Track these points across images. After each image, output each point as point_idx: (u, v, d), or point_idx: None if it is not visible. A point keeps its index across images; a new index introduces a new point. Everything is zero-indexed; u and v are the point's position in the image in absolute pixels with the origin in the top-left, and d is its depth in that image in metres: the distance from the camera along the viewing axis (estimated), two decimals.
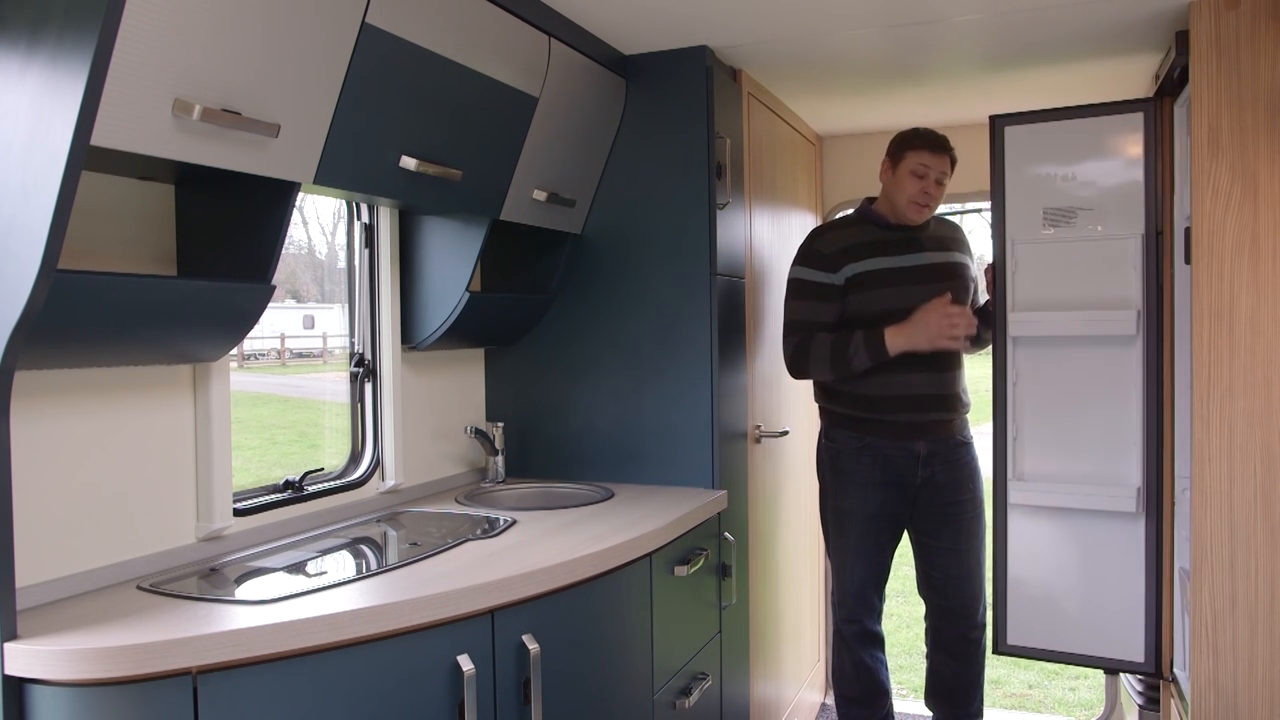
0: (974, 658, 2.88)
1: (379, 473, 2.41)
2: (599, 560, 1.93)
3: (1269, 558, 2.13)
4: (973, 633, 2.85)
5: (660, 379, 2.67)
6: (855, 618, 2.86)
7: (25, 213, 1.32)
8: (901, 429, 2.74)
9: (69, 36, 1.30)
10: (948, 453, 2.78)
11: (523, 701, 1.75)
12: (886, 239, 2.75)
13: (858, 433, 2.78)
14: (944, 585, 2.84)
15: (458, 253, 2.40)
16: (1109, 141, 2.57)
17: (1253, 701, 2.15)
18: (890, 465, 2.76)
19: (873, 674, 2.89)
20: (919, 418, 2.73)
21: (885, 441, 2.75)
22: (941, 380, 2.75)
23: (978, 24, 2.43)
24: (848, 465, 2.80)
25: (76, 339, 1.54)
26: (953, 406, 2.78)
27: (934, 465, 2.77)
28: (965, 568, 2.82)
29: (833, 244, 2.75)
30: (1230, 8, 2.11)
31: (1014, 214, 2.67)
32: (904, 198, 2.71)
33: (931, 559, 2.84)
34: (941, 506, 2.79)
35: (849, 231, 2.79)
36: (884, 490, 2.77)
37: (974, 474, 2.84)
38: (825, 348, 2.67)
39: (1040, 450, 2.68)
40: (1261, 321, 2.12)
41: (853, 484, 2.79)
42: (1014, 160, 2.67)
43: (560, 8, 2.27)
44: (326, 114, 1.73)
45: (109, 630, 1.43)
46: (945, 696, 2.91)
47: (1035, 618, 2.71)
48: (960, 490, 2.80)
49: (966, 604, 2.83)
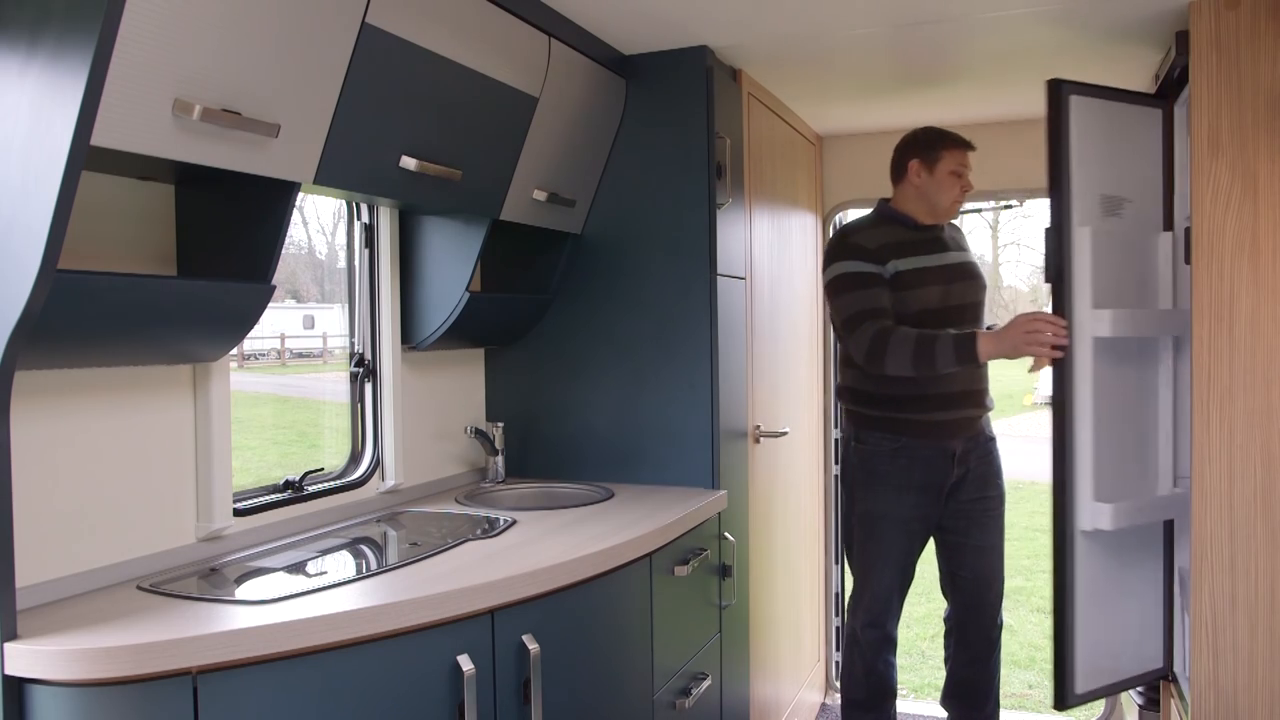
0: (994, 656, 2.89)
1: (379, 473, 2.41)
2: (599, 560, 1.93)
3: (1269, 558, 2.13)
4: (994, 631, 2.87)
5: (660, 379, 2.66)
6: (878, 623, 2.81)
7: (25, 213, 1.32)
8: (937, 428, 2.70)
9: (69, 36, 1.30)
10: (979, 449, 2.77)
11: (523, 701, 1.75)
12: (917, 239, 2.73)
13: (892, 434, 2.72)
14: (972, 585, 2.82)
15: (458, 253, 2.40)
16: (1149, 133, 2.47)
17: (1253, 701, 2.14)
18: (927, 467, 2.72)
19: (883, 679, 2.87)
20: (954, 415, 2.70)
21: (921, 442, 2.71)
22: (972, 375, 2.72)
23: (977, 24, 2.43)
24: (881, 467, 2.74)
25: (76, 339, 1.54)
26: (982, 402, 2.78)
27: (968, 462, 2.75)
28: (992, 566, 2.82)
29: (874, 239, 2.69)
30: (1230, 8, 2.11)
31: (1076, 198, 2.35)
32: (948, 198, 2.71)
33: (960, 559, 2.82)
34: (971, 504, 2.78)
35: (882, 230, 2.73)
36: (918, 493, 2.73)
37: (1000, 470, 2.85)
38: (909, 342, 2.52)
39: (1111, 466, 2.39)
40: (1261, 321, 2.12)
41: (886, 487, 2.74)
42: (1074, 136, 2.33)
43: (560, 8, 2.27)
44: (326, 114, 1.73)
45: (109, 630, 1.43)
46: (965, 697, 2.91)
47: (1101, 655, 2.42)
48: (988, 486, 2.79)
49: (992, 602, 2.84)
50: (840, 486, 2.92)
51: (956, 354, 2.49)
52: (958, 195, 2.72)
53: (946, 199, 2.72)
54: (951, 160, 2.70)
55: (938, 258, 2.72)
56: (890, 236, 2.71)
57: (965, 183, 2.71)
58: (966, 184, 2.72)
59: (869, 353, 2.58)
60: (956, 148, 2.70)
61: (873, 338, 2.56)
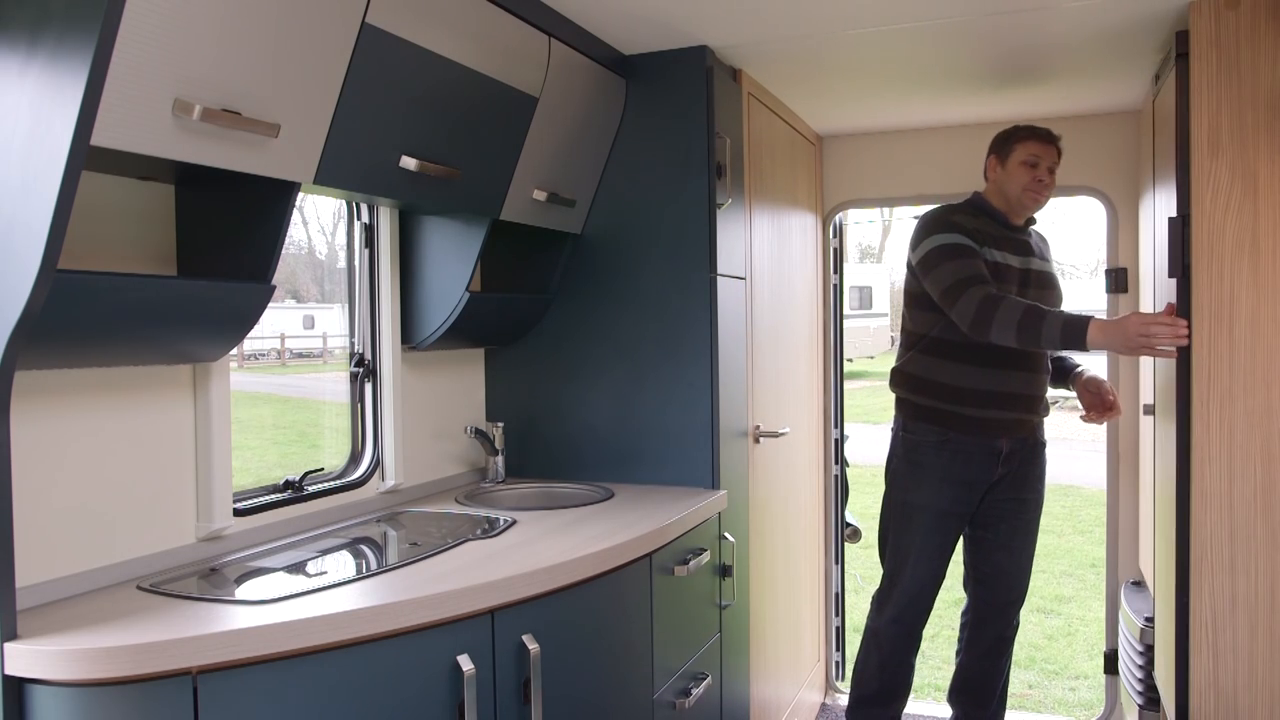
0: (1005, 657, 2.90)
1: (379, 473, 2.41)
2: (599, 560, 1.93)
3: (1269, 558, 2.13)
4: (1008, 631, 2.88)
5: (660, 379, 2.66)
6: (904, 619, 2.78)
7: (25, 212, 1.33)
8: (987, 425, 2.68)
9: (69, 36, 1.30)
10: (1026, 451, 2.75)
11: (523, 701, 1.75)
12: (1004, 235, 2.71)
13: (940, 426, 2.71)
14: (993, 580, 2.82)
15: (458, 253, 2.40)
16: None
17: (1253, 701, 2.15)
18: (971, 461, 2.70)
19: (897, 677, 2.85)
20: (1005, 415, 2.68)
21: (968, 437, 2.69)
22: (1033, 380, 2.70)
23: (977, 24, 2.43)
24: (926, 458, 2.73)
25: (76, 339, 1.54)
26: (1037, 408, 2.75)
27: (1013, 463, 2.73)
28: (1017, 565, 2.81)
29: (970, 223, 2.65)
30: (1230, 8, 2.11)
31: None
32: (1017, 187, 2.68)
33: (984, 553, 2.82)
34: (1007, 502, 2.77)
35: (977, 219, 2.69)
36: (959, 488, 2.72)
37: (1043, 474, 2.84)
38: (1018, 311, 2.43)
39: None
40: (1261, 321, 2.12)
41: (930, 477, 2.72)
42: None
43: (560, 8, 2.27)
44: (326, 114, 1.73)
45: (109, 630, 1.43)
46: (971, 694, 2.93)
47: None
48: (1027, 488, 2.78)
49: (1012, 602, 2.84)
50: (886, 477, 2.87)
51: (1064, 334, 2.38)
52: (1029, 184, 2.66)
53: (1016, 188, 2.68)
54: (1024, 151, 2.67)
55: (1021, 260, 2.70)
56: (984, 225, 2.68)
57: (1040, 172, 2.66)
58: (1042, 174, 2.67)
59: (977, 316, 2.48)
60: (1029, 139, 2.68)
61: (981, 300, 2.48)
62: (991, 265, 2.60)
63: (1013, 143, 2.70)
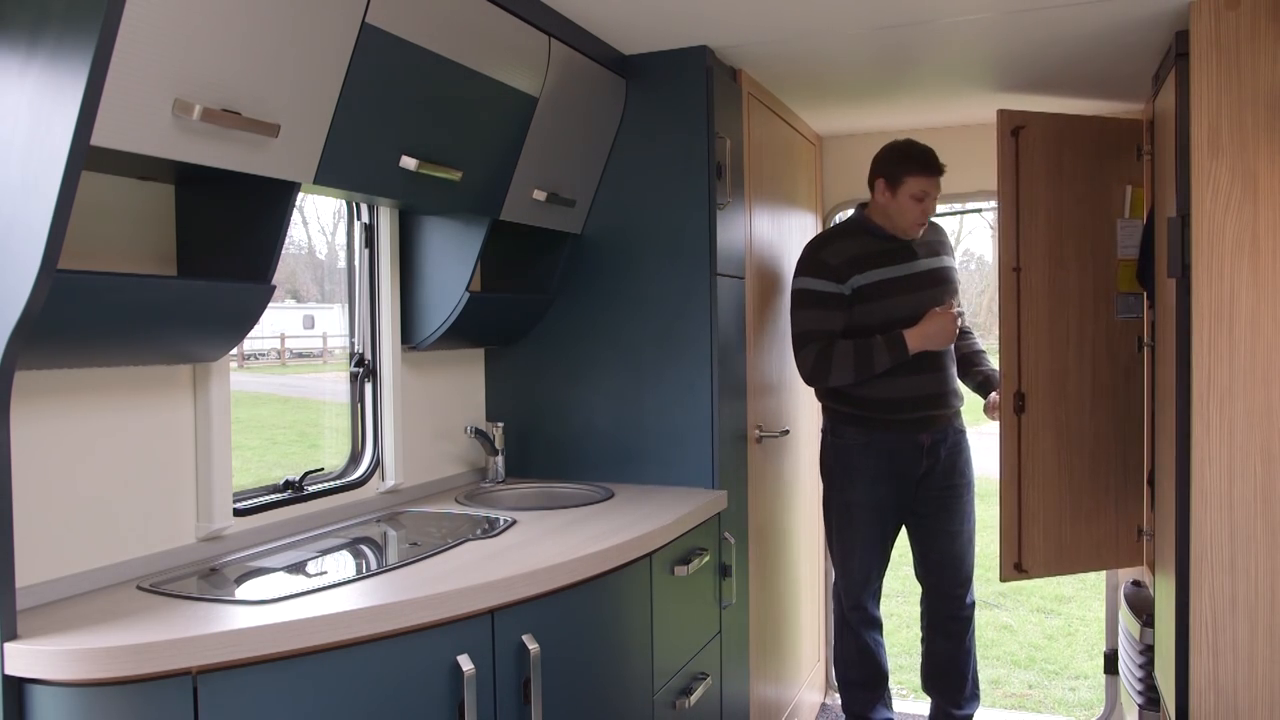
0: (964, 636, 3.04)
1: (379, 473, 2.41)
2: (599, 560, 1.93)
3: (1269, 558, 2.13)
4: (963, 612, 3.03)
5: (660, 379, 2.67)
6: (860, 603, 3.01)
7: (25, 213, 1.32)
8: (906, 424, 2.89)
9: (69, 37, 1.30)
10: (948, 441, 2.95)
11: (523, 701, 1.75)
12: (885, 249, 2.87)
13: (864, 429, 2.91)
14: (940, 566, 3.00)
15: (458, 253, 2.40)
16: None
17: (1253, 701, 2.14)
18: (896, 457, 2.90)
19: (874, 656, 3.06)
20: (922, 414, 2.89)
21: (891, 435, 2.89)
22: (941, 379, 2.90)
23: (976, 24, 2.43)
24: (855, 460, 2.94)
25: (76, 339, 1.54)
26: (950, 403, 2.95)
27: (937, 454, 2.93)
28: (959, 549, 3.00)
29: (839, 255, 2.84)
30: (1230, 8, 2.11)
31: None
32: (906, 221, 2.84)
33: (930, 541, 3.00)
34: (940, 491, 2.96)
35: (851, 242, 2.88)
36: (889, 482, 2.92)
37: (969, 460, 3.03)
38: (847, 354, 2.77)
39: None
40: (1261, 321, 2.12)
41: (861, 477, 2.93)
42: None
43: (560, 8, 2.27)
44: (326, 114, 1.73)
45: (109, 630, 1.43)
46: (940, 678, 3.07)
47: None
48: (956, 474, 2.97)
49: (961, 582, 3.01)
50: (823, 479, 3.08)
51: (890, 352, 2.76)
52: (918, 218, 2.82)
53: (905, 221, 2.84)
54: (913, 185, 2.79)
55: (905, 267, 2.86)
56: (859, 248, 2.85)
57: (926, 205, 2.81)
58: (928, 208, 2.82)
59: (813, 371, 2.82)
60: (919, 174, 2.79)
61: (816, 357, 2.80)
62: (865, 289, 2.81)
63: (903, 175, 2.80)
